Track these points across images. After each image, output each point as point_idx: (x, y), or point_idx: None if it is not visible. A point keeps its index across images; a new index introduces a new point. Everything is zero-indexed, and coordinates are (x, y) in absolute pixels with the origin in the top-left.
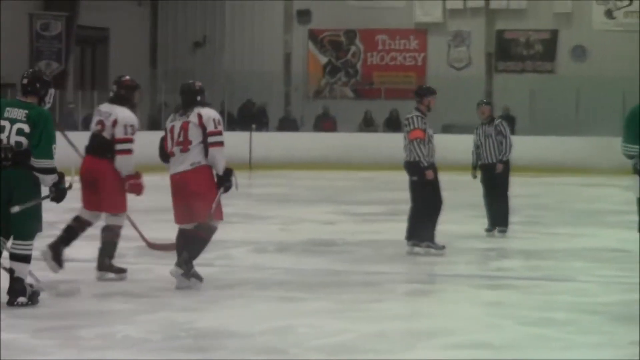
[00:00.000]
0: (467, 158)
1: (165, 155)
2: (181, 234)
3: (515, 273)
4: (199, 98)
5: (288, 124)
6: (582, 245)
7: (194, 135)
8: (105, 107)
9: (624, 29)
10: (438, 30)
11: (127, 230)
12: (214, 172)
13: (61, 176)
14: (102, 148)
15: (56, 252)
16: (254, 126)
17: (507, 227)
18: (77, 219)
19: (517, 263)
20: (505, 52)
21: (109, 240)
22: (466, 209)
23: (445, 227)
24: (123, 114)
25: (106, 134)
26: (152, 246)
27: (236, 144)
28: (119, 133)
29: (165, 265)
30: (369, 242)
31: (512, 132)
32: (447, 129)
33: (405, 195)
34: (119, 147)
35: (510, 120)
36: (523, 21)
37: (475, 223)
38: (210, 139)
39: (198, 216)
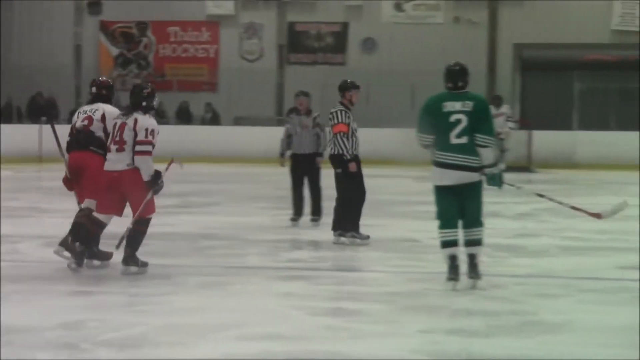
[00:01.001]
0: (260, 150)
1: None
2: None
3: (305, 264)
4: (144, 103)
5: None
6: (373, 235)
7: (129, 137)
8: (89, 106)
9: (412, 21)
10: (230, 22)
11: None
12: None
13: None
14: (86, 142)
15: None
16: (43, 119)
17: (321, 216)
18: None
19: (307, 254)
20: (297, 44)
21: (80, 222)
22: (256, 201)
23: (236, 219)
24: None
25: (93, 129)
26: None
27: (26, 137)
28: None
29: None
30: (161, 234)
31: None
32: (238, 121)
33: (197, 187)
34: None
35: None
36: (314, 14)
37: (265, 215)
38: (137, 147)
39: (133, 210)
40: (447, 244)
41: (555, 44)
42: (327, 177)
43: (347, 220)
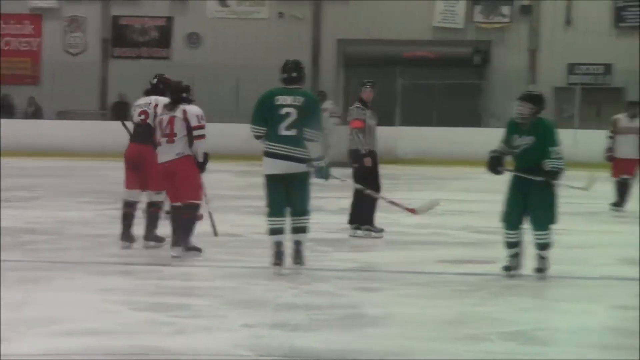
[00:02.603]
0: (83, 144)
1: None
2: (174, 210)
3: (127, 259)
4: (184, 95)
5: None
6: (198, 230)
7: (179, 128)
8: (143, 100)
9: (237, 16)
10: (53, 15)
11: None
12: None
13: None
14: (147, 135)
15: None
16: None
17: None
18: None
19: (129, 249)
20: (121, 38)
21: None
22: (79, 196)
23: (58, 213)
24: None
25: (150, 122)
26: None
27: None
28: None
29: None
30: None
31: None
32: (62, 115)
33: (18, 181)
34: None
35: (124, 106)
36: (139, 8)
37: (88, 209)
38: (195, 132)
39: (185, 197)
40: (273, 231)
41: (378, 40)
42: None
43: (362, 214)
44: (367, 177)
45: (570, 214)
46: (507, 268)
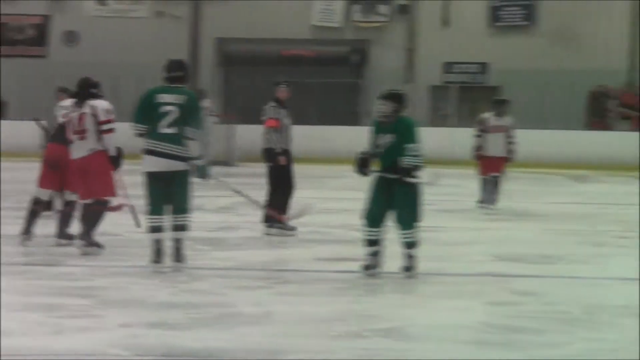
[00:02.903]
0: None
1: None
2: (85, 207)
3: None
4: (93, 91)
5: None
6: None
7: (89, 124)
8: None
9: (116, 15)
10: None
11: None
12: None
13: None
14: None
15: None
16: None
17: None
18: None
19: (5, 249)
20: None
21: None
22: None
23: None
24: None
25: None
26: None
27: None
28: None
29: None
30: None
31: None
32: None
33: None
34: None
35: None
36: (15, 5)
37: None
38: (103, 127)
39: (97, 193)
40: (153, 229)
41: (257, 39)
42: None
43: (275, 212)
44: (281, 176)
45: (443, 211)
46: (366, 267)
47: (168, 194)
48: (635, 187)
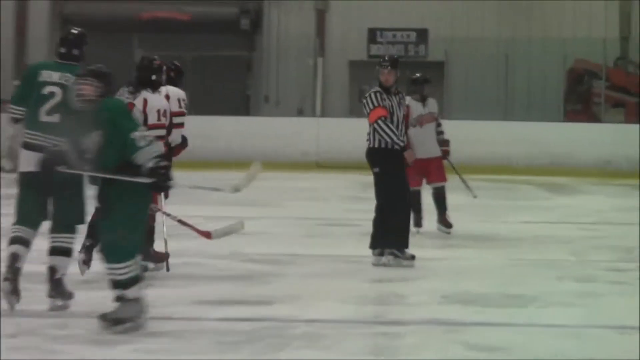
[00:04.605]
0: None
1: None
2: None
3: None
4: (153, 77)
5: None
6: None
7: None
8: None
9: None
10: None
11: None
12: None
13: None
14: None
15: None
16: None
17: None
18: None
19: None
20: None
21: None
22: None
23: None
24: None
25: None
26: None
27: None
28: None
29: None
30: None
31: None
32: None
33: None
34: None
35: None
36: None
37: None
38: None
39: None
40: (15, 240)
41: None
42: None
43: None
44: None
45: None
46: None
47: (48, 203)
48: (635, 200)
